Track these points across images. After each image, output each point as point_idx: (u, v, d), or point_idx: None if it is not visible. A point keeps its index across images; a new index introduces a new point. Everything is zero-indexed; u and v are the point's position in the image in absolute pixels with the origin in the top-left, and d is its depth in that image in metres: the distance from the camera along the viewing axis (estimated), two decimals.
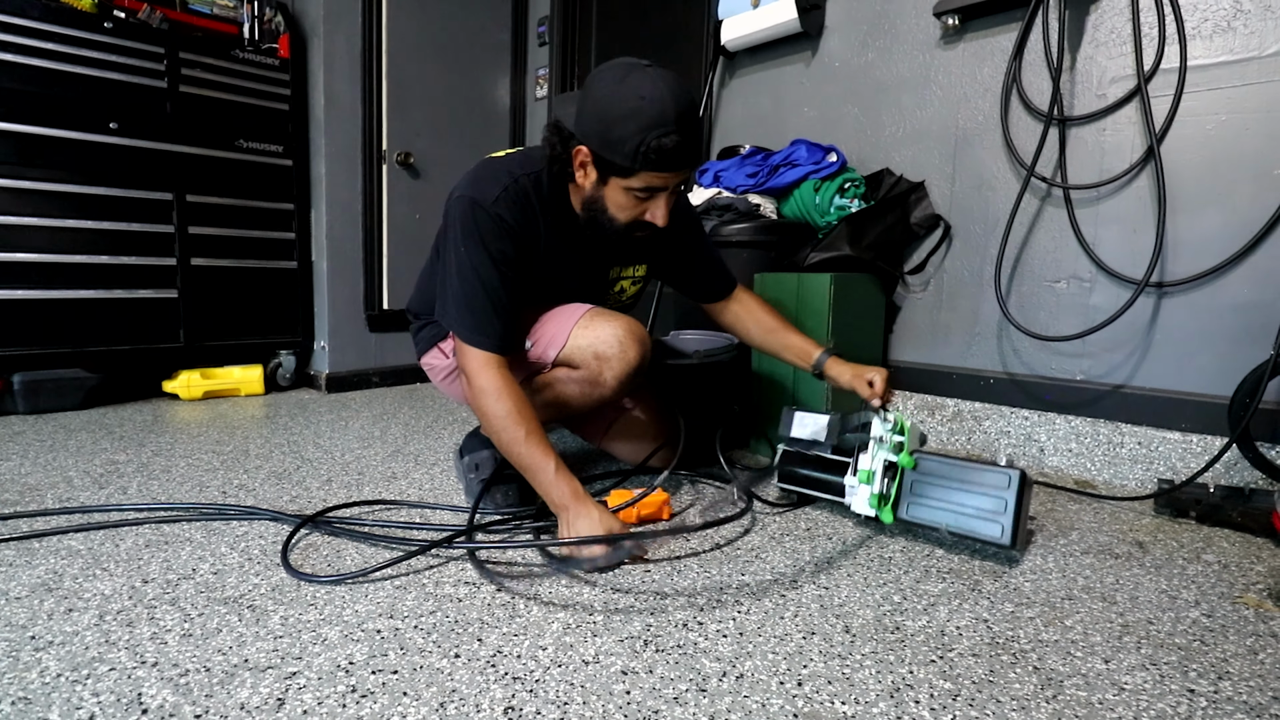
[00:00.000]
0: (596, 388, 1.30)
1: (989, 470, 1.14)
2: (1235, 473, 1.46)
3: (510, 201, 1.21)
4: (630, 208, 1.18)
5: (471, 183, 1.23)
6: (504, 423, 1.14)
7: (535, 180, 1.25)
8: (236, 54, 2.45)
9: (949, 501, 1.16)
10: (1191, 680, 0.81)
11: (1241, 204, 1.44)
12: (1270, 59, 1.41)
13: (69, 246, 2.17)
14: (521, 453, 1.14)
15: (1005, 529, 1.09)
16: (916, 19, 1.92)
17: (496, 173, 1.23)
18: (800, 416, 1.37)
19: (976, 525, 1.12)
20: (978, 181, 1.84)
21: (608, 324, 1.29)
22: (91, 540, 1.16)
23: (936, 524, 1.16)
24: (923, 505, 1.19)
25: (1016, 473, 1.11)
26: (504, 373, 1.18)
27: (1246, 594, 1.05)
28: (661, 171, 1.12)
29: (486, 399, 1.16)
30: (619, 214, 1.19)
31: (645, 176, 1.12)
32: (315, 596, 0.97)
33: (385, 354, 2.85)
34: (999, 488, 1.12)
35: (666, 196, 1.18)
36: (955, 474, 1.17)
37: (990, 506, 1.12)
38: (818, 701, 0.75)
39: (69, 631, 0.86)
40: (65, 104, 2.12)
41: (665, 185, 1.15)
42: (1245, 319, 1.45)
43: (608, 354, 1.27)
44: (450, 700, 0.74)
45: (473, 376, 1.18)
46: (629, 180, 1.13)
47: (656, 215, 1.18)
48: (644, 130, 1.07)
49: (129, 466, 1.59)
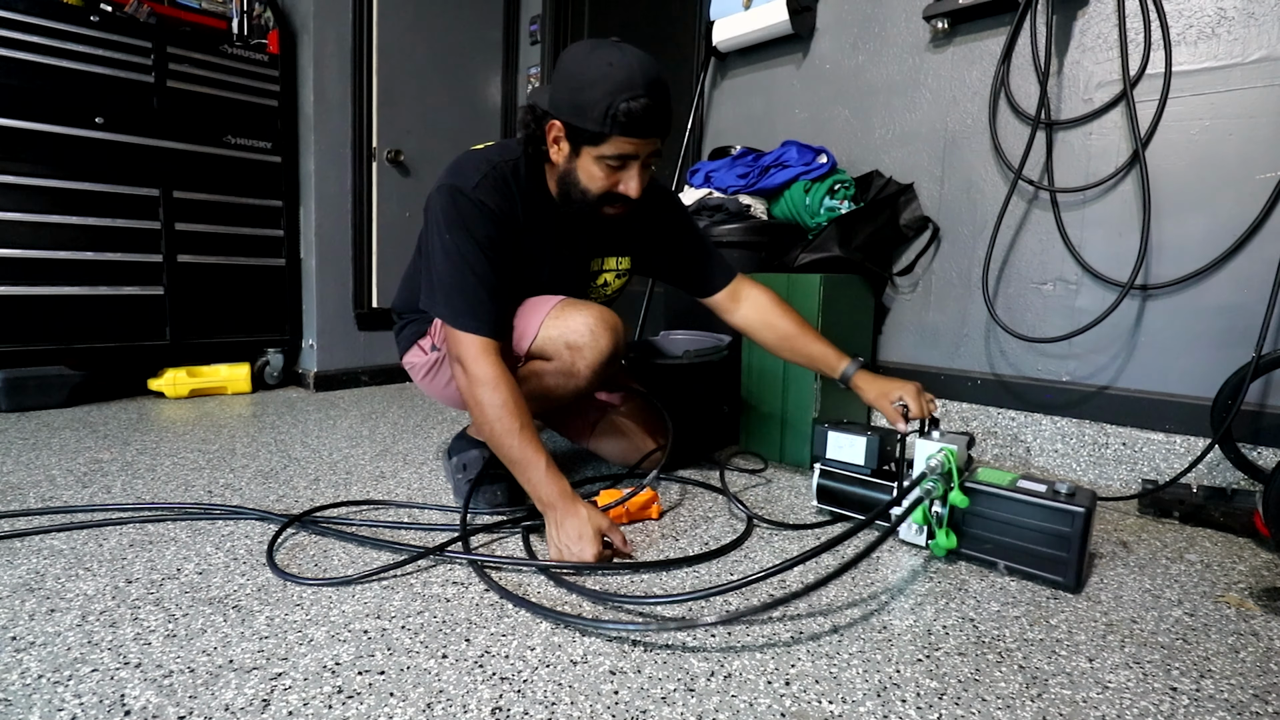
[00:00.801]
0: (571, 378, 1.29)
1: (1050, 508, 1.04)
2: (1218, 473, 1.48)
3: (491, 187, 1.21)
4: (602, 178, 1.17)
5: (451, 172, 1.23)
6: (499, 413, 1.12)
7: (514, 167, 1.25)
8: (225, 49, 2.43)
9: (1007, 538, 1.08)
10: (1174, 679, 0.82)
11: (1224, 208, 1.46)
12: (1253, 65, 1.42)
13: (53, 242, 2.15)
14: (514, 445, 1.12)
15: (1069, 572, 1.03)
16: (906, 22, 1.93)
17: (475, 161, 1.24)
18: (835, 437, 1.31)
19: (1037, 566, 1.06)
20: (966, 184, 1.85)
21: (578, 313, 1.28)
22: (74, 540, 1.14)
23: (993, 560, 1.10)
24: (978, 539, 1.11)
25: (1081, 511, 1.01)
26: (499, 361, 1.16)
27: (1228, 593, 1.06)
28: (631, 136, 1.11)
29: (482, 388, 1.14)
30: (591, 185, 1.18)
31: (615, 142, 1.11)
32: (301, 597, 0.96)
33: (374, 353, 2.83)
34: (1062, 527, 1.03)
35: (638, 166, 1.16)
36: (1012, 510, 1.07)
37: (1052, 547, 1.04)
38: (805, 701, 0.75)
39: (50, 632, 0.85)
40: (50, 98, 2.10)
41: (636, 153, 1.14)
42: (1228, 321, 1.47)
43: (579, 343, 1.26)
44: (437, 701, 0.74)
45: (468, 364, 1.15)
46: (600, 148, 1.13)
47: (629, 186, 1.17)
48: (612, 94, 1.07)
49: (113, 465, 1.58)
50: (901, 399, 1.25)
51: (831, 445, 1.32)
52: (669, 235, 1.46)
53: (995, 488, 1.09)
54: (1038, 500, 1.05)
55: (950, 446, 1.12)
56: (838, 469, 1.32)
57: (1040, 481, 1.10)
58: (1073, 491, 1.05)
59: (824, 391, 1.68)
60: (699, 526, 1.28)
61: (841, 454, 1.30)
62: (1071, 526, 1.02)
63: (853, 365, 1.35)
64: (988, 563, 1.12)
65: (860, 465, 1.28)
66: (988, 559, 1.11)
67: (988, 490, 1.10)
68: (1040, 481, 1.10)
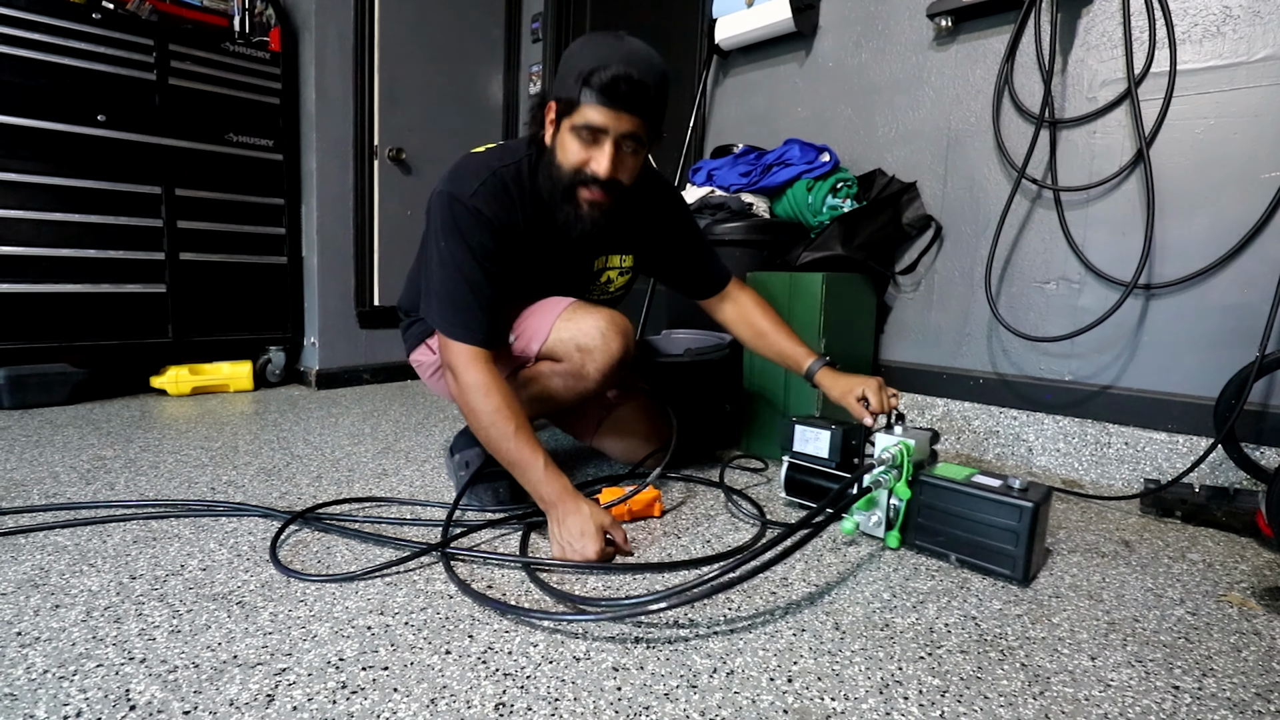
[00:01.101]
0: (580, 380, 1.30)
1: (1000, 502, 1.06)
2: (1220, 473, 1.48)
3: (489, 195, 1.21)
4: (575, 152, 1.14)
5: (450, 178, 1.23)
6: (492, 418, 1.13)
7: (515, 171, 1.25)
8: (226, 47, 2.43)
9: (958, 530, 1.10)
10: (1176, 677, 0.82)
11: (1229, 207, 1.46)
12: (1258, 64, 1.42)
13: (55, 240, 2.15)
14: (510, 448, 1.13)
15: (1017, 565, 1.04)
16: (910, 20, 1.93)
17: (475, 167, 1.23)
18: (802, 430, 1.35)
19: (986, 559, 1.08)
20: (969, 183, 1.85)
21: (590, 316, 1.28)
22: (78, 536, 1.15)
23: (945, 552, 1.12)
24: (931, 532, 1.14)
25: (1029, 506, 1.03)
26: (490, 368, 1.17)
27: (1230, 592, 1.06)
28: (602, 105, 1.09)
29: (474, 395, 1.15)
30: (564, 161, 1.16)
31: (586, 111, 1.10)
32: (305, 593, 0.96)
33: (376, 350, 2.83)
34: (1010, 520, 1.05)
35: (610, 143, 1.12)
36: (964, 504, 1.10)
37: (1001, 540, 1.06)
38: (808, 698, 0.76)
39: (55, 628, 0.85)
40: (52, 95, 2.10)
41: (606, 125, 1.10)
42: (1231, 321, 1.47)
43: (590, 346, 1.27)
44: (441, 696, 0.74)
45: (459, 372, 1.17)
46: (574, 117, 1.12)
47: (599, 163, 1.13)
48: (593, 60, 1.09)
49: (116, 462, 1.58)
50: (864, 394, 1.28)
51: (798, 439, 1.35)
52: (671, 234, 1.46)
53: (948, 482, 1.12)
54: (988, 494, 1.07)
55: (909, 440, 1.14)
56: (804, 462, 1.34)
57: (996, 477, 1.11)
58: (1025, 487, 1.06)
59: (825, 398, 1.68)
60: (700, 525, 1.28)
61: (807, 447, 1.34)
62: (1019, 521, 1.04)
63: (818, 362, 1.38)
64: (940, 555, 1.13)
65: (825, 459, 1.32)
66: (940, 551, 1.13)
67: (940, 484, 1.12)
68: (996, 477, 1.11)
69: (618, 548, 1.11)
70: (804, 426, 1.35)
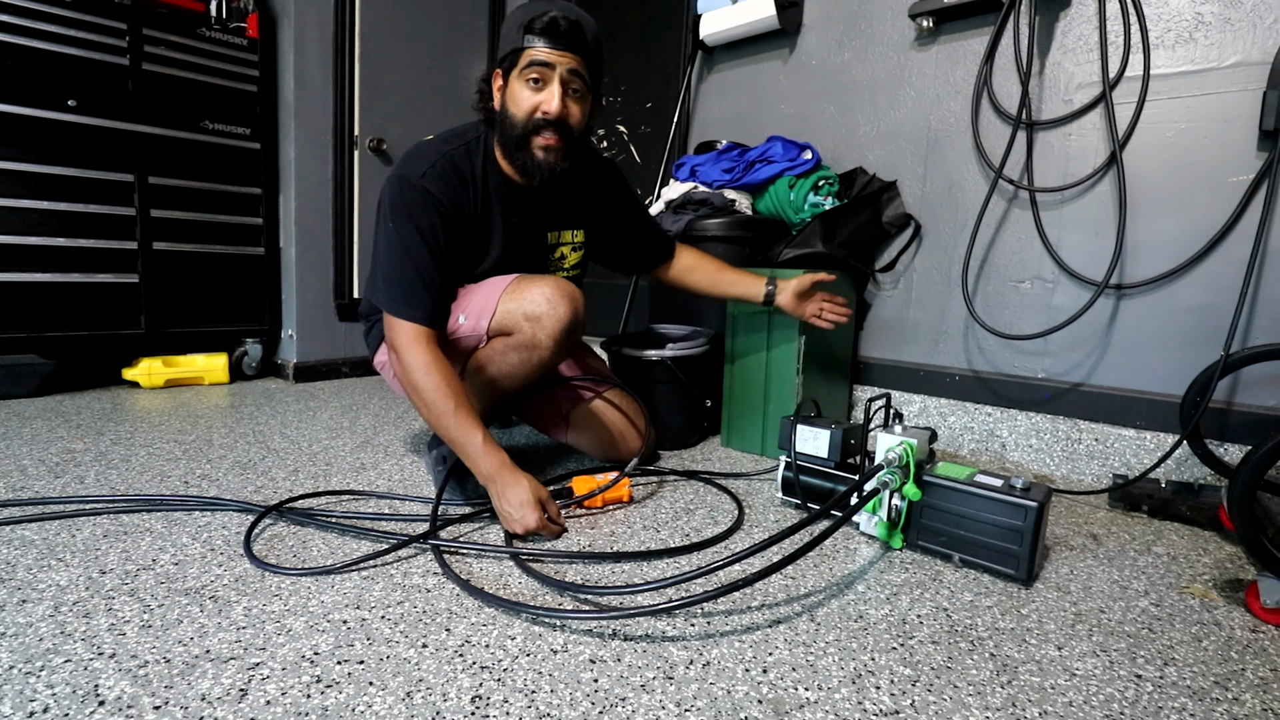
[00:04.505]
0: (534, 350, 1.30)
1: (1004, 502, 1.05)
2: (1185, 469, 1.52)
3: (438, 176, 1.25)
4: (526, 99, 1.22)
5: (402, 162, 1.28)
6: (433, 396, 1.15)
7: (467, 149, 1.30)
8: (202, 32, 2.38)
9: (962, 530, 1.10)
10: (1139, 666, 0.84)
11: (1198, 210, 1.50)
12: (1229, 70, 1.45)
13: (24, 228, 2.09)
14: (450, 425, 1.15)
15: (1021, 564, 1.04)
16: (892, 20, 1.95)
17: (425, 150, 1.29)
18: (802, 430, 1.34)
19: (990, 558, 1.07)
20: (948, 182, 1.87)
21: (535, 285, 1.30)
22: (46, 530, 1.12)
23: (948, 553, 1.12)
24: (934, 532, 1.13)
25: (1034, 505, 1.03)
26: (433, 348, 1.19)
27: (1193, 584, 1.09)
28: (545, 45, 1.18)
29: (415, 373, 1.17)
30: (517, 111, 1.23)
31: (531, 52, 1.19)
32: (280, 587, 0.96)
33: (355, 344, 2.80)
34: (1015, 519, 1.04)
35: (556, 81, 1.20)
36: (968, 504, 1.09)
37: (1005, 540, 1.06)
38: (782, 688, 0.77)
39: (22, 623, 0.84)
40: (21, 79, 2.04)
41: (551, 64, 1.19)
42: (1198, 321, 1.50)
43: (538, 313, 1.27)
44: (417, 690, 0.74)
45: (401, 351, 1.19)
46: (519, 65, 1.20)
47: (549, 103, 1.20)
48: (530, 12, 1.19)
49: (86, 455, 1.55)
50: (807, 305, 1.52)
51: (799, 439, 1.35)
52: (618, 206, 1.54)
53: (952, 481, 1.11)
54: (993, 494, 1.07)
55: (911, 440, 1.14)
56: (803, 461, 1.35)
57: (997, 476, 1.12)
58: (1028, 486, 1.07)
59: (805, 385, 1.70)
60: (680, 519, 1.29)
61: (807, 447, 1.35)
62: (1024, 520, 1.04)
63: (770, 285, 1.55)
64: (943, 555, 1.13)
65: (824, 458, 1.32)
66: (943, 551, 1.13)
67: (945, 484, 1.12)
68: (997, 476, 1.12)
69: (552, 520, 1.16)
70: (805, 426, 1.35)
